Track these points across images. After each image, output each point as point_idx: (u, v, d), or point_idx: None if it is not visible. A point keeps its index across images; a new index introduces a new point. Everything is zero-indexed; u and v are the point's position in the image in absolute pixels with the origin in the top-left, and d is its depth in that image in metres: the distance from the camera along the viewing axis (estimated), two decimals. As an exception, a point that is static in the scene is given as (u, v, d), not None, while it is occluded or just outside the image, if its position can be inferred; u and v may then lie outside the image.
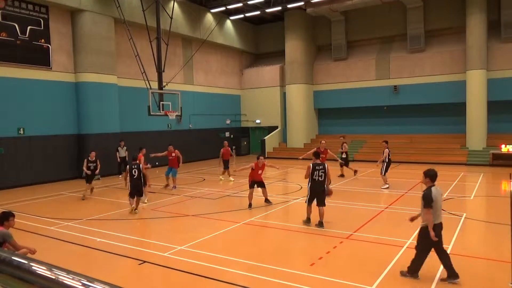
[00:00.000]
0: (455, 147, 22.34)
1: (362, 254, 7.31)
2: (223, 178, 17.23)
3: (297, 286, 5.86)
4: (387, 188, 14.18)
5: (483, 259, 7.09)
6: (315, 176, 9.26)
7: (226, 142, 18.00)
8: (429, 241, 5.84)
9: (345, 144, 18.04)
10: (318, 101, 27.79)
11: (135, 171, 11.17)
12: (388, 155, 14.45)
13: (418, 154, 22.41)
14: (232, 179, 16.86)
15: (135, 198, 11.14)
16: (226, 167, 17.15)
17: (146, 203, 12.21)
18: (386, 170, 14.39)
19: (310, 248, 7.90)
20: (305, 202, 9.51)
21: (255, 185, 11.63)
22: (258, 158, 11.69)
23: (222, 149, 17.33)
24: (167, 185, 15.27)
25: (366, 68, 25.64)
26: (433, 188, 6.09)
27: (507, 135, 21.28)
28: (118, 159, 18.77)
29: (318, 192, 9.25)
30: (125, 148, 18.95)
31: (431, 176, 6.22)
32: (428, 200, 5.92)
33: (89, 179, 13.70)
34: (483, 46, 21.27)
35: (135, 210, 11.12)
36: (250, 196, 11.54)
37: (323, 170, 9.28)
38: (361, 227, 9.06)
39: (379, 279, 6.04)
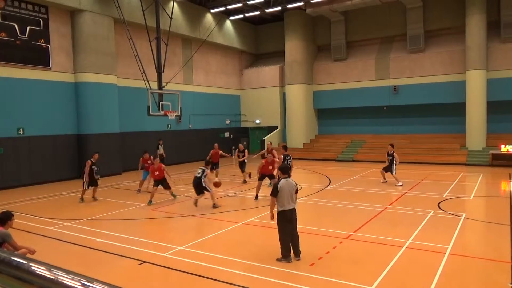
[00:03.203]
0: (455, 147, 22.35)
1: (361, 254, 7.31)
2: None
3: (296, 286, 5.86)
4: (401, 185, 14.60)
5: (483, 259, 7.09)
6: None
7: (216, 145, 17.47)
8: (282, 224, 6.84)
9: (240, 146, 17.63)
10: (317, 101, 27.80)
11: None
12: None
13: (417, 154, 22.41)
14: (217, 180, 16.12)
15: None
16: (212, 168, 16.29)
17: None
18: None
19: (309, 248, 7.89)
20: (269, 185, 11.95)
21: (265, 178, 12.79)
22: (267, 155, 13.03)
23: (211, 151, 16.86)
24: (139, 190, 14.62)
25: (366, 68, 25.66)
26: (282, 180, 6.99)
27: (506, 135, 21.29)
28: (161, 156, 19.53)
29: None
30: (162, 146, 19.83)
31: (281, 169, 7.33)
32: (273, 190, 6.94)
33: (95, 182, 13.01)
34: (483, 46, 21.28)
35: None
36: (258, 188, 12.57)
37: (290, 159, 12.36)
38: (360, 227, 9.07)
39: (379, 279, 6.04)
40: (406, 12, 24.19)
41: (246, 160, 16.64)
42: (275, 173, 12.80)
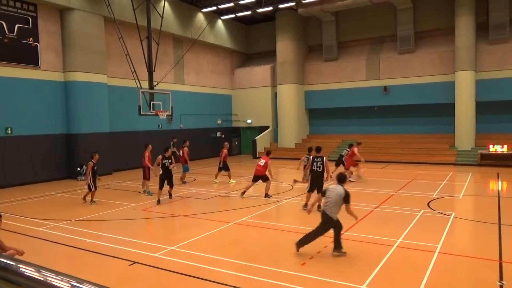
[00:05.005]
0: (444, 147, 22.60)
1: (352, 253, 7.35)
2: (234, 181, 16.31)
3: (288, 286, 5.87)
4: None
5: (472, 258, 7.18)
6: (314, 167, 10.63)
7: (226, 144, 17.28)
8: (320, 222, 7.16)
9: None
10: (309, 101, 27.89)
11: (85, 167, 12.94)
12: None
13: (407, 154, 22.61)
14: (234, 181, 16.25)
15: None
16: (226, 169, 16.31)
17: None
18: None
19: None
20: (306, 190, 11.00)
21: (257, 180, 12.87)
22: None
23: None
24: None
25: (357, 69, 25.82)
26: (333, 185, 7.27)
27: (495, 135, 21.60)
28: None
29: (317, 181, 10.54)
30: (174, 145, 20.85)
31: (336, 178, 7.45)
32: (323, 190, 7.52)
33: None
34: (472, 48, 21.55)
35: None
36: (246, 186, 13.07)
37: (321, 162, 10.58)
38: (351, 227, 9.11)
39: (370, 278, 6.08)
40: (396, 13, 24.39)
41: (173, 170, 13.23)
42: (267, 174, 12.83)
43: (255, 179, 12.80)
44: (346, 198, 7.02)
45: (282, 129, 27.32)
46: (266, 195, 12.69)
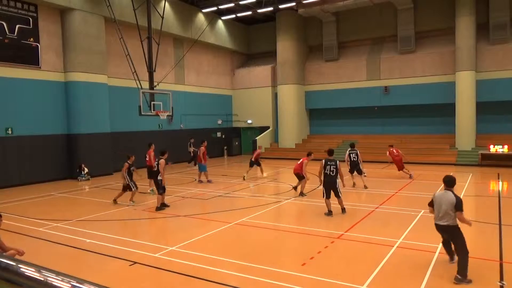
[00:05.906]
0: (445, 147, 22.59)
1: (353, 254, 7.35)
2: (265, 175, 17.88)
3: (288, 286, 5.87)
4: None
5: (472, 258, 7.16)
6: (327, 170, 10.16)
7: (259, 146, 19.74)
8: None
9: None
10: (309, 102, 27.89)
11: (133, 169, 12.68)
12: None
13: (408, 154, 22.46)
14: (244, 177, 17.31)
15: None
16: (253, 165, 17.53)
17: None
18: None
19: (301, 248, 7.92)
20: (323, 196, 10.37)
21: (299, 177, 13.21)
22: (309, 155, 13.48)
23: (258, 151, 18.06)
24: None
25: (357, 69, 25.81)
26: (440, 192, 6.54)
27: (495, 135, 21.59)
28: (191, 153, 22.38)
29: (331, 185, 10.16)
30: (191, 144, 22.41)
31: (444, 181, 6.55)
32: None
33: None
34: (472, 48, 21.54)
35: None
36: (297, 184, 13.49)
37: (334, 166, 10.11)
38: (352, 227, 9.12)
39: (370, 279, 6.07)
40: (397, 13, 24.39)
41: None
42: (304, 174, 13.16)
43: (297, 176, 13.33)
44: (458, 206, 6.13)
45: (282, 129, 27.31)
46: (301, 194, 12.98)
